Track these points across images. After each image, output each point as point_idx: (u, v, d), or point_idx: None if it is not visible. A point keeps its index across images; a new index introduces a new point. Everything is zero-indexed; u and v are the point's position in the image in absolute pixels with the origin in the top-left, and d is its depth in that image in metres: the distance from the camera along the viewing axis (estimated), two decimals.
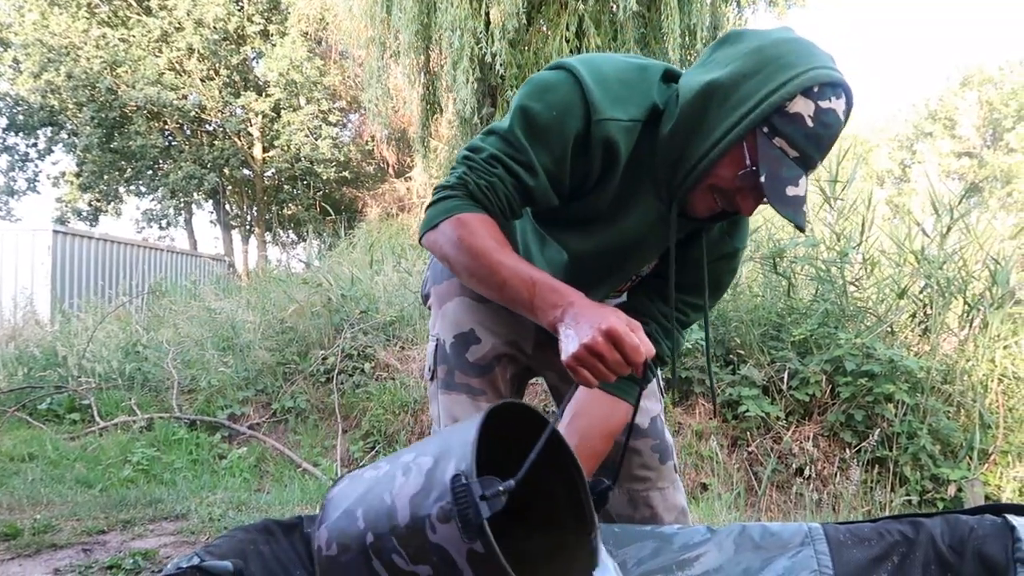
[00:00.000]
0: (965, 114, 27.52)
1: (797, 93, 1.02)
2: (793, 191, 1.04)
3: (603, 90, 1.12)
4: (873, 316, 3.84)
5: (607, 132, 1.12)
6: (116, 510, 2.77)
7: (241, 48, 16.50)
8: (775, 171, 1.04)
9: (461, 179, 1.17)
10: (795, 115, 1.02)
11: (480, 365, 1.50)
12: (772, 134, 1.04)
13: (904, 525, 1.06)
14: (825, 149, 1.05)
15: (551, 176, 1.16)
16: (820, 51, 1.07)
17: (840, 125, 1.04)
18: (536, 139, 1.14)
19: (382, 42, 8.73)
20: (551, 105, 1.13)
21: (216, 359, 4.91)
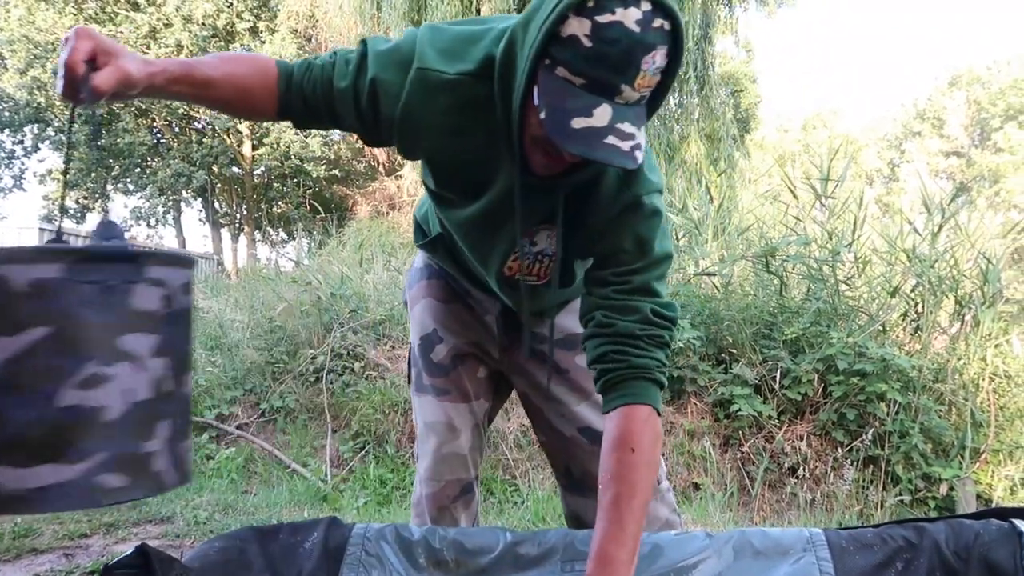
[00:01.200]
0: (953, 114, 27.70)
1: (568, 13, 0.90)
2: (583, 122, 0.92)
3: (434, 46, 1.09)
4: (865, 315, 3.83)
5: (427, 82, 1.07)
6: (100, 513, 2.72)
7: (230, 45, 16.38)
8: (557, 104, 0.93)
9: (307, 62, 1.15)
10: (569, 38, 0.91)
11: (443, 365, 1.50)
12: (553, 65, 0.94)
13: (907, 530, 1.03)
14: (623, 66, 0.90)
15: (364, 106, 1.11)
16: None
17: (635, 35, 0.89)
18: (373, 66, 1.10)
19: None
20: (390, 51, 1.10)
21: (204, 358, 4.85)
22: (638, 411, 1.11)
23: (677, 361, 3.71)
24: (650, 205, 1.14)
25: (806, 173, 5.27)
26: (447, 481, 1.51)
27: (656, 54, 0.91)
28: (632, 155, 0.94)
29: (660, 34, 0.91)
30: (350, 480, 3.68)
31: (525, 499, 3.28)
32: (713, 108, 8.81)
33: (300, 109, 1.14)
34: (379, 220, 13.60)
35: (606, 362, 1.13)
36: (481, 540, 1.14)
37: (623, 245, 1.14)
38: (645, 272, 1.14)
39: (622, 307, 1.13)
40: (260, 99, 1.12)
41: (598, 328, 1.14)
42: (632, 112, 0.94)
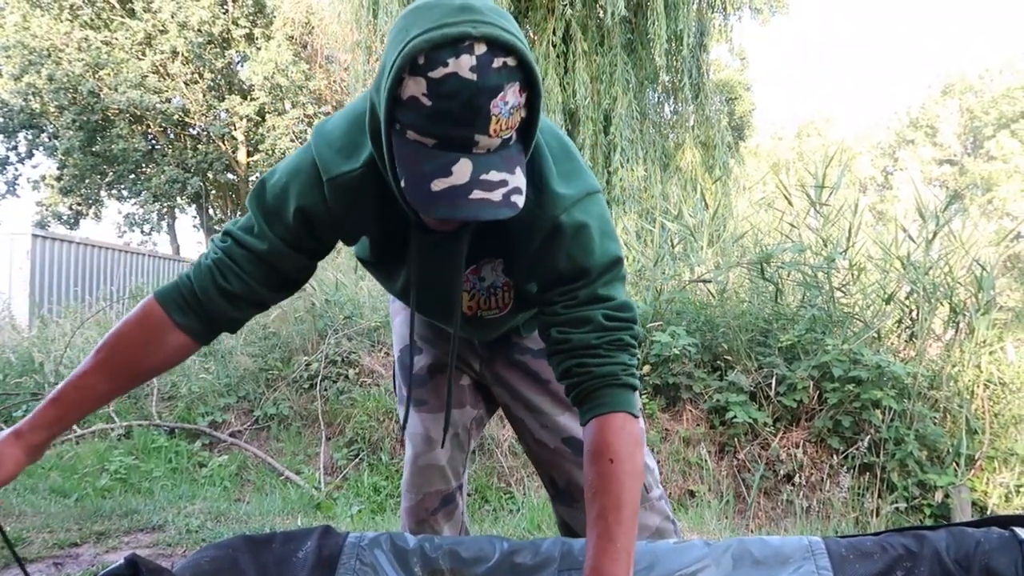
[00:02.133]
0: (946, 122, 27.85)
1: (403, 75, 0.86)
2: (443, 183, 0.88)
3: (331, 149, 1.08)
4: (860, 322, 3.83)
5: (341, 186, 1.07)
6: (91, 521, 2.70)
7: (226, 52, 16.38)
8: (414, 168, 0.90)
9: (193, 264, 1.15)
10: (409, 99, 0.87)
11: (420, 376, 1.50)
12: (403, 129, 0.90)
13: (908, 538, 1.02)
14: (469, 118, 0.86)
15: (291, 240, 1.12)
16: (441, 6, 0.89)
17: (472, 84, 0.84)
18: (271, 213, 1.11)
19: (368, 46, 8.68)
20: (289, 175, 1.11)
21: (197, 365, 4.82)
22: (611, 420, 1.07)
23: (672, 368, 3.71)
24: (572, 223, 1.07)
25: (800, 180, 5.28)
26: (425, 493, 1.49)
27: (505, 94, 0.87)
28: (507, 203, 0.90)
29: (504, 73, 0.86)
30: (344, 488, 3.66)
31: (520, 507, 3.26)
32: (708, 116, 8.84)
33: (221, 309, 1.13)
34: None
35: (570, 376, 1.11)
36: (477, 549, 1.12)
37: (558, 269, 1.09)
38: (590, 286, 1.10)
39: (573, 320, 1.10)
40: (156, 347, 1.12)
41: (556, 345, 1.11)
42: (497, 157, 0.90)
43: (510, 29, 0.88)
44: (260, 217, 1.12)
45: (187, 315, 1.12)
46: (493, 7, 0.91)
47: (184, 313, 1.11)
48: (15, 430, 1.07)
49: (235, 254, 1.12)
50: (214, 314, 1.13)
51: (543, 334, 1.15)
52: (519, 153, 0.94)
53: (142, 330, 1.12)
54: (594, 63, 7.63)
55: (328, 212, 1.10)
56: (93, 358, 1.10)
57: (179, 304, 1.12)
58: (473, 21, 0.86)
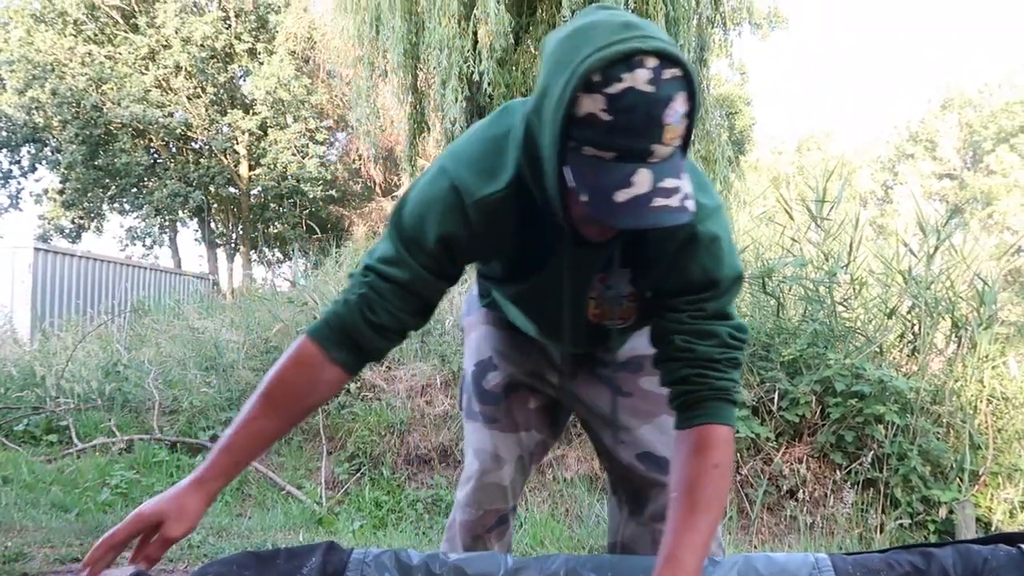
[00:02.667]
0: (946, 136, 27.94)
1: (578, 94, 0.90)
2: (627, 193, 0.91)
3: (470, 171, 1.11)
4: (862, 336, 3.83)
5: (487, 207, 1.10)
6: (92, 536, 2.69)
7: (228, 66, 16.48)
8: (594, 183, 0.93)
9: (336, 300, 1.19)
10: (586, 117, 0.90)
11: (494, 393, 1.50)
12: (579, 146, 0.93)
13: (914, 556, 1.02)
14: (647, 129, 0.89)
15: (433, 267, 1.14)
16: (605, 25, 0.92)
17: (650, 95, 0.88)
18: (410, 241, 1.14)
19: (371, 62, 8.73)
20: (425, 203, 1.13)
21: (199, 379, 4.82)
22: (720, 430, 1.13)
23: None
24: (707, 233, 1.11)
25: (801, 195, 5.30)
26: (485, 511, 1.50)
27: (675, 103, 0.90)
28: (683, 208, 0.93)
29: (674, 84, 0.90)
30: (345, 503, 3.65)
31: (523, 523, 3.25)
32: (708, 130, 8.87)
33: (371, 340, 1.16)
34: (375, 240, 13.59)
35: (686, 383, 1.15)
36: (482, 566, 1.12)
37: (691, 279, 1.13)
38: (717, 300, 1.15)
39: (700, 332, 1.14)
40: (314, 383, 1.17)
41: (677, 352, 1.15)
42: (670, 165, 0.93)
43: (672, 42, 0.92)
44: (401, 247, 1.14)
45: (341, 350, 1.15)
46: (649, 23, 0.95)
47: (339, 348, 1.15)
48: (196, 479, 1.12)
49: (380, 288, 1.14)
50: (365, 346, 1.16)
51: (660, 339, 1.18)
52: (683, 161, 0.97)
53: (299, 368, 1.16)
54: None
55: (470, 235, 1.12)
56: (257, 402, 1.15)
57: (333, 340, 1.15)
58: (640, 36, 0.90)
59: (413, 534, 3.18)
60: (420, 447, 4.00)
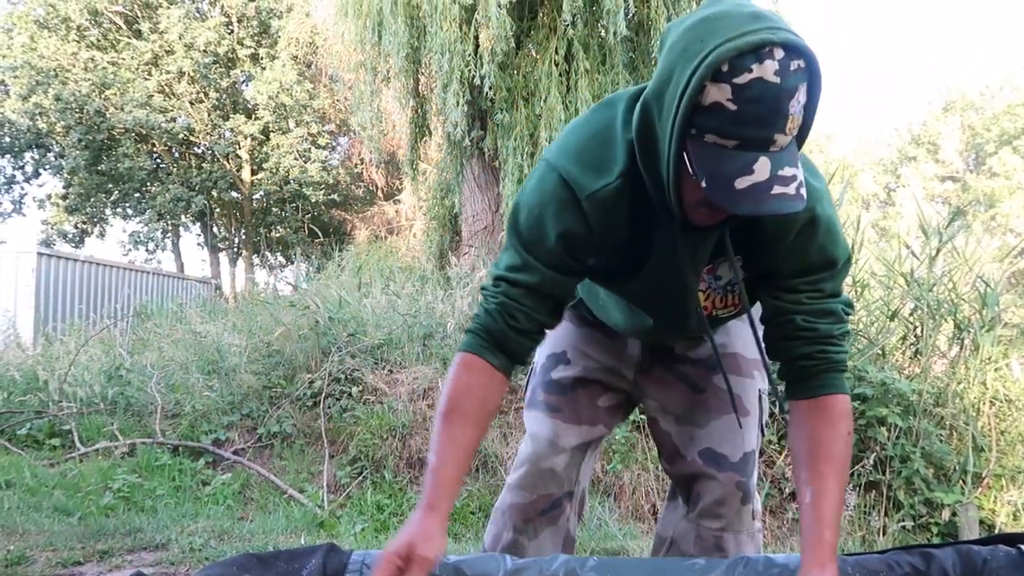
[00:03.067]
0: (948, 139, 27.90)
1: (705, 83, 0.92)
2: (746, 181, 0.93)
3: (580, 167, 1.13)
4: (864, 338, 3.83)
5: (602, 201, 1.13)
6: (94, 540, 2.69)
7: (231, 71, 16.52)
8: (715, 170, 0.95)
9: (477, 314, 1.24)
10: (712, 106, 0.93)
11: (562, 384, 1.52)
12: (700, 133, 0.96)
13: (914, 557, 1.02)
14: (772, 119, 0.92)
15: (559, 265, 1.18)
16: (733, 16, 0.94)
17: (776, 87, 0.90)
18: (532, 245, 1.17)
19: (373, 66, 8.74)
20: (539, 204, 1.16)
21: (201, 383, 4.82)
22: (844, 400, 1.19)
23: None
24: (824, 216, 1.14)
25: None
26: (539, 495, 1.51)
27: (799, 94, 0.93)
28: (799, 195, 0.96)
29: (800, 75, 0.92)
30: (347, 506, 3.65)
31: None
32: None
33: (519, 343, 1.23)
34: (377, 244, 13.61)
35: (810, 359, 1.19)
36: (481, 567, 1.12)
37: (810, 261, 1.16)
38: (834, 279, 1.20)
39: (820, 311, 1.18)
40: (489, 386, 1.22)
41: (799, 332, 1.19)
42: (787, 154, 0.96)
43: (798, 34, 0.94)
44: (523, 251, 1.19)
45: (497, 355, 1.21)
46: (775, 14, 0.96)
47: (495, 355, 1.21)
48: (426, 506, 1.14)
49: (513, 294, 1.20)
50: (513, 349, 1.22)
51: (776, 319, 1.21)
52: (797, 149, 1.00)
53: (472, 376, 1.21)
54: (596, 82, 7.66)
55: (588, 229, 1.16)
56: (446, 419, 1.19)
57: (488, 348, 1.21)
58: (770, 28, 0.91)
59: None
60: (422, 450, 4.00)
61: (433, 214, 10.90)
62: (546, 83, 7.40)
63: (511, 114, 7.63)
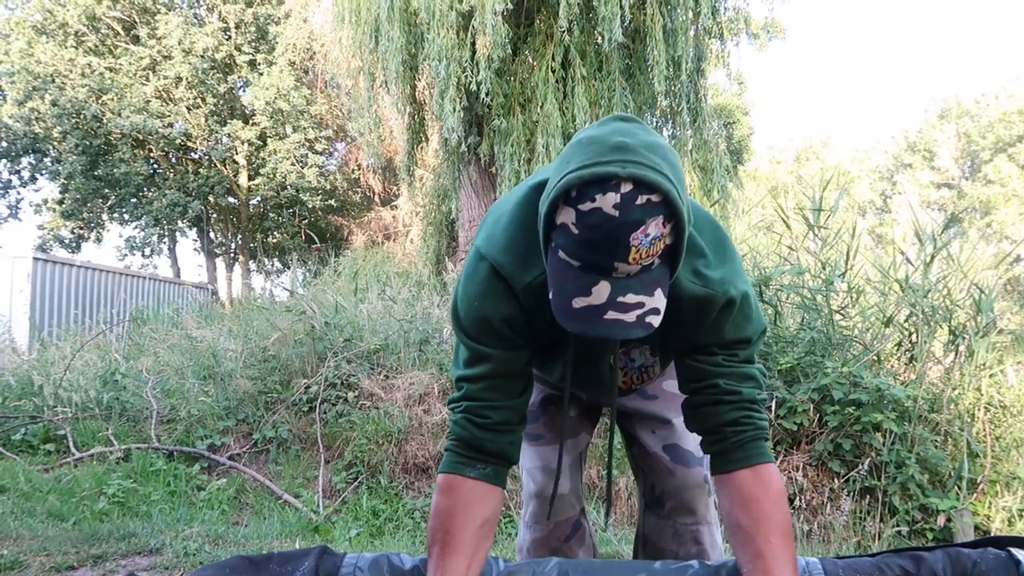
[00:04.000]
0: (944, 146, 28.00)
1: (558, 203, 0.97)
2: (582, 301, 0.97)
3: (510, 258, 1.16)
4: (859, 344, 3.83)
5: (535, 292, 1.14)
6: (88, 544, 2.68)
7: (228, 77, 16.53)
8: (560, 285, 1.00)
9: (449, 430, 1.24)
10: (561, 225, 0.97)
11: (531, 411, 1.54)
12: (556, 248, 1.00)
13: (904, 559, 1.02)
14: (610, 248, 0.94)
15: (509, 343, 1.20)
16: (600, 144, 0.97)
17: (614, 219, 0.93)
18: (478, 334, 1.19)
19: (370, 72, 8.76)
20: (477, 295, 1.18)
21: (196, 388, 4.82)
22: (774, 468, 1.20)
23: None
24: (737, 297, 1.18)
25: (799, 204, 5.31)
26: (556, 523, 1.55)
27: (647, 227, 0.94)
28: (641, 323, 0.99)
29: (646, 209, 0.93)
30: (343, 511, 3.64)
31: (519, 529, 3.24)
32: (706, 140, 8.88)
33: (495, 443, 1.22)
34: (374, 250, 13.62)
35: (736, 426, 1.20)
36: None
37: (724, 337, 1.20)
38: (748, 348, 1.23)
39: (740, 375, 1.21)
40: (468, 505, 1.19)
41: (723, 395, 1.20)
42: (637, 281, 0.98)
43: (658, 167, 0.95)
44: (473, 343, 1.20)
45: (475, 466, 1.20)
46: (650, 143, 0.98)
47: (472, 466, 1.20)
48: None
49: (474, 392, 1.21)
50: (493, 451, 1.21)
51: (697, 380, 1.23)
52: (663, 275, 1.01)
53: (452, 498, 1.19)
54: (593, 88, 7.69)
55: (524, 313, 1.18)
56: (434, 551, 1.16)
57: (465, 462, 1.20)
58: (623, 161, 0.94)
59: (410, 543, 3.17)
60: (418, 456, 4.00)
61: (430, 219, 10.91)
62: (543, 89, 7.42)
63: (508, 120, 7.65)
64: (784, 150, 32.31)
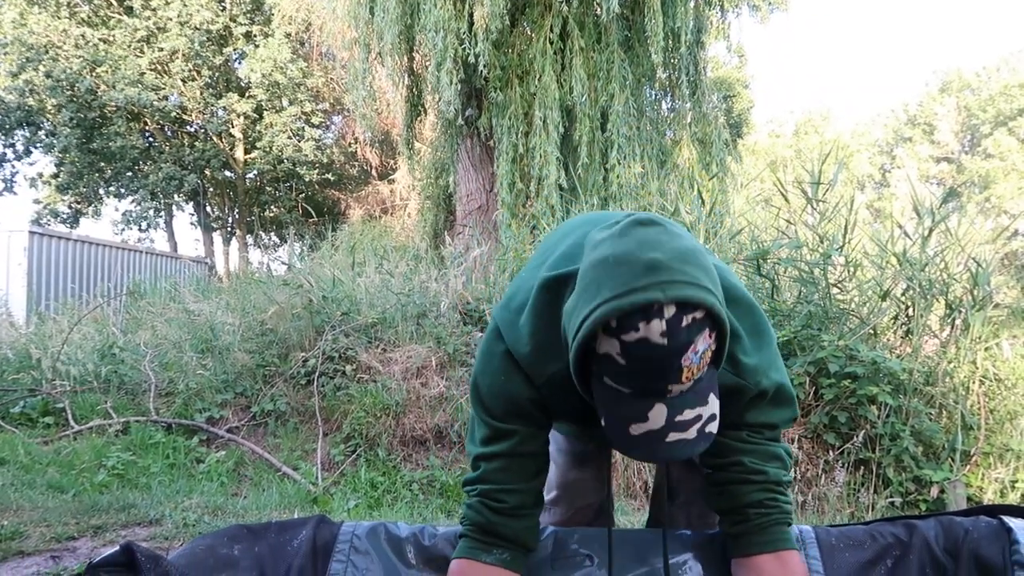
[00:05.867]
0: (944, 120, 27.85)
1: (597, 332, 0.92)
2: (641, 427, 0.94)
3: (532, 350, 1.13)
4: (856, 318, 3.84)
5: (557, 382, 1.12)
6: (88, 515, 2.70)
7: (224, 49, 16.35)
8: (612, 412, 0.96)
9: (463, 514, 1.20)
10: (604, 356, 0.93)
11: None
12: (599, 374, 0.96)
13: (897, 527, 1.03)
14: (662, 374, 0.91)
15: (528, 434, 1.17)
16: (631, 263, 0.92)
17: (663, 348, 0.89)
18: (502, 412, 1.16)
19: (366, 44, 8.66)
20: (501, 373, 1.15)
21: (195, 361, 4.83)
22: (796, 555, 1.14)
23: None
24: (771, 384, 1.15)
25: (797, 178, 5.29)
26: (577, 508, 1.54)
27: (695, 345, 0.91)
28: (703, 436, 0.95)
29: (693, 329, 0.90)
30: (341, 483, 3.66)
31: None
32: (705, 113, 8.83)
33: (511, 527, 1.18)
34: (371, 224, 13.58)
35: (762, 507, 1.16)
36: None
37: (752, 420, 1.17)
38: (775, 431, 1.19)
39: (766, 453, 1.17)
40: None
41: (749, 475, 1.16)
42: (691, 395, 0.94)
43: (697, 281, 0.91)
44: (494, 422, 1.17)
45: (491, 551, 1.17)
46: (680, 252, 0.93)
47: (488, 551, 1.17)
48: None
49: (491, 474, 1.17)
50: (509, 536, 1.17)
51: (723, 456, 1.18)
52: (711, 378, 0.97)
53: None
54: (591, 60, 7.62)
55: (543, 399, 1.16)
56: None
57: (479, 548, 1.17)
58: (661, 284, 0.89)
59: (408, 514, 3.20)
60: (416, 428, 4.02)
61: (427, 193, 10.87)
62: (541, 61, 7.35)
63: (506, 93, 7.59)
64: (784, 123, 32.16)
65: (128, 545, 0.93)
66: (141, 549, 0.93)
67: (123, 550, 0.93)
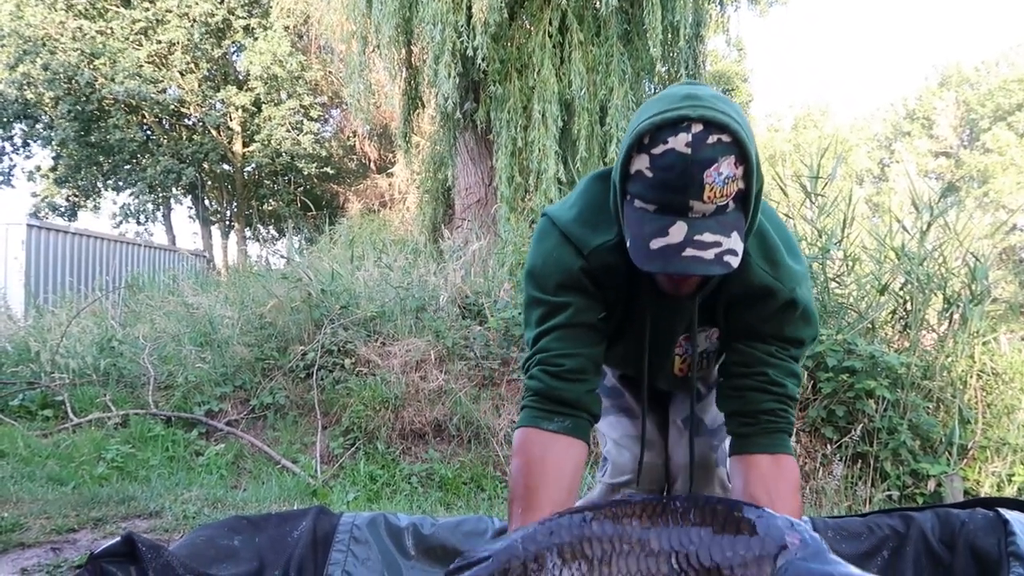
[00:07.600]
0: (943, 114, 27.84)
1: (632, 153, 1.02)
2: (660, 242, 1.01)
3: (580, 226, 1.21)
4: (854, 312, 3.85)
5: (603, 257, 1.19)
6: (87, 508, 2.71)
7: (222, 41, 16.30)
8: (637, 231, 1.04)
9: (525, 388, 1.25)
10: (636, 174, 1.02)
11: (616, 388, 1.62)
12: (631, 199, 1.05)
13: (894, 519, 1.04)
14: (685, 186, 0.99)
15: (583, 306, 1.22)
16: (669, 96, 1.03)
17: (687, 157, 0.98)
18: (555, 286, 1.21)
19: (363, 36, 8.63)
20: (554, 249, 1.22)
21: (193, 355, 4.82)
22: (792, 460, 1.25)
23: None
24: (801, 299, 1.22)
25: (796, 172, 5.29)
26: (648, 491, 1.58)
27: (719, 166, 0.98)
28: (719, 261, 1.01)
29: (718, 148, 0.98)
30: (340, 476, 3.67)
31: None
32: None
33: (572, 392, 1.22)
34: (370, 217, 13.57)
35: (773, 415, 1.25)
36: (469, 527, 1.14)
37: (784, 334, 1.25)
38: (801, 348, 1.28)
39: (787, 371, 1.26)
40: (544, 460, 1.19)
41: (770, 385, 1.24)
42: (713, 221, 1.01)
43: (728, 112, 1.01)
44: (546, 296, 1.22)
45: (553, 419, 1.20)
46: (719, 96, 1.04)
47: (550, 419, 1.20)
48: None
49: (548, 344, 1.22)
50: (571, 401, 1.21)
51: (747, 365, 1.26)
52: (738, 219, 1.04)
53: (530, 455, 1.19)
54: (590, 54, 7.60)
55: (592, 280, 1.22)
56: (519, 510, 1.15)
57: (541, 415, 1.21)
58: (693, 105, 0.99)
59: (407, 507, 3.21)
60: (415, 422, 4.03)
61: (426, 187, 10.85)
62: (539, 55, 7.33)
63: (504, 86, 7.57)
64: (782, 118, 32.11)
65: (129, 536, 0.94)
66: (142, 540, 0.93)
67: (124, 541, 0.93)
